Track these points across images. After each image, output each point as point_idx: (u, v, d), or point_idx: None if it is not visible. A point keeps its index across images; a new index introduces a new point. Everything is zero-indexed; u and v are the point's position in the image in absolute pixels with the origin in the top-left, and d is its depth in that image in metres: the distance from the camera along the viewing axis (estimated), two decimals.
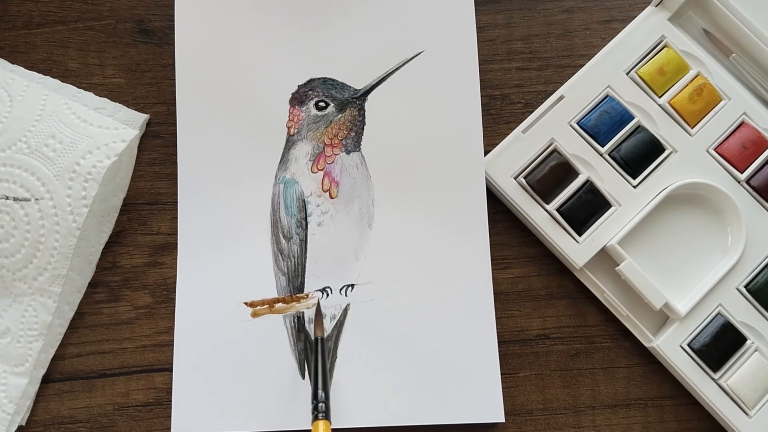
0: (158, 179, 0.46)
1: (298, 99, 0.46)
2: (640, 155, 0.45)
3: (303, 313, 0.44)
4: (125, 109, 0.46)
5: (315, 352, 0.42)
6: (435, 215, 0.45)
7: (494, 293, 0.44)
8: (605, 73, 0.46)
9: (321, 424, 0.39)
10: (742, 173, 0.45)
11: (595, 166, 0.45)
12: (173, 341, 0.44)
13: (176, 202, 0.45)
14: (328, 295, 0.44)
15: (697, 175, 0.45)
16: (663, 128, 0.46)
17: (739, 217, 0.44)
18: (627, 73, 0.46)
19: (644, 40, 0.46)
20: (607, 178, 0.45)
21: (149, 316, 0.45)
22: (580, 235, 0.45)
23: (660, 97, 0.46)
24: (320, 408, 0.39)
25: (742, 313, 0.44)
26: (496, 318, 0.44)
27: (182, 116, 0.45)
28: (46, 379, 0.44)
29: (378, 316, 0.44)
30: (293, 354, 0.44)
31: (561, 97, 0.46)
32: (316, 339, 0.43)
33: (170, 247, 0.45)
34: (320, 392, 0.40)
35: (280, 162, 0.45)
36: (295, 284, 0.44)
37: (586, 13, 0.48)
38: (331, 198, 0.45)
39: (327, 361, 0.42)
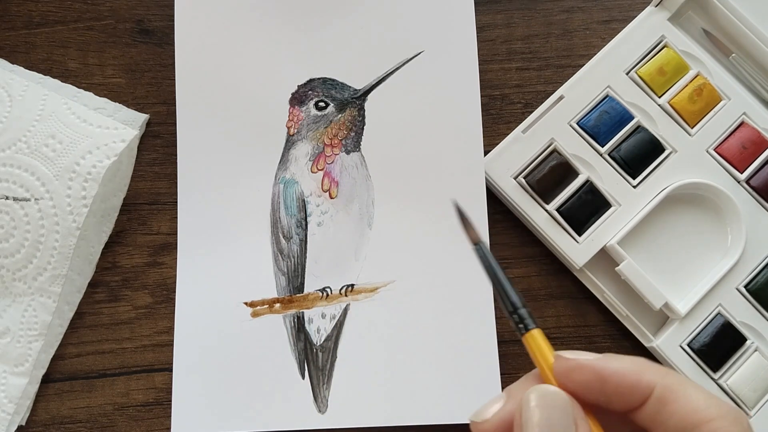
0: (158, 179, 0.46)
1: (297, 99, 0.46)
2: (640, 155, 0.45)
3: (303, 313, 0.44)
4: (125, 109, 0.46)
5: (482, 261, 0.31)
6: (435, 215, 0.45)
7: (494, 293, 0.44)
8: (605, 73, 0.46)
9: (535, 333, 0.29)
10: (742, 173, 0.45)
11: (595, 166, 0.45)
12: (173, 341, 0.44)
13: (176, 202, 0.45)
14: (327, 295, 0.44)
15: (697, 175, 0.45)
16: (663, 128, 0.46)
17: (739, 217, 0.44)
18: (627, 73, 0.46)
19: (644, 40, 0.46)
20: (607, 178, 0.45)
21: (149, 316, 0.45)
22: (580, 235, 0.45)
23: (660, 97, 0.46)
24: (524, 315, 0.30)
25: (742, 313, 0.44)
26: (496, 318, 0.44)
27: (182, 116, 0.45)
28: (46, 379, 0.44)
29: (378, 316, 0.44)
30: (293, 354, 0.44)
31: (561, 97, 0.46)
32: (477, 246, 0.31)
33: (170, 247, 0.45)
34: (515, 300, 0.30)
35: (279, 162, 0.45)
36: (295, 284, 0.44)
37: (586, 13, 0.48)
38: (331, 198, 0.45)
39: (499, 264, 0.31)
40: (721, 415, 0.25)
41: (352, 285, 0.44)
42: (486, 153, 0.45)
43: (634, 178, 0.45)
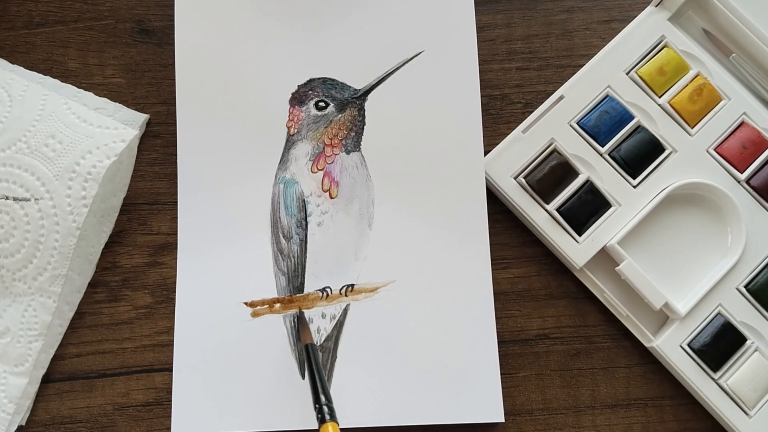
0: (158, 179, 0.46)
1: (298, 99, 0.46)
2: (640, 155, 0.45)
3: (303, 313, 0.44)
4: (125, 109, 0.46)
5: (307, 358, 0.41)
6: (435, 215, 0.45)
7: (494, 293, 0.44)
8: (605, 73, 0.46)
9: (329, 426, 0.37)
10: (742, 173, 0.45)
11: (595, 166, 0.45)
12: (173, 341, 0.44)
13: (176, 202, 0.45)
14: (327, 295, 0.44)
15: (697, 175, 0.45)
16: (663, 128, 0.46)
17: (739, 217, 0.44)
18: (627, 73, 0.46)
19: (644, 40, 0.46)
20: (607, 178, 0.45)
21: (149, 316, 0.45)
22: (580, 235, 0.45)
23: (660, 97, 0.46)
24: (325, 411, 0.38)
25: (742, 313, 0.44)
26: (496, 318, 0.44)
27: (182, 116, 0.45)
28: (46, 379, 0.44)
29: (378, 316, 0.44)
30: (293, 354, 0.44)
31: (561, 97, 0.46)
32: (306, 346, 0.41)
33: (170, 247, 0.45)
34: (321, 396, 0.39)
35: (280, 162, 0.45)
36: (295, 284, 0.44)
37: (586, 13, 0.48)
38: (331, 198, 0.45)
39: (321, 364, 0.41)
40: None
41: (352, 285, 0.44)
42: (486, 153, 0.45)
43: (634, 178, 0.45)
